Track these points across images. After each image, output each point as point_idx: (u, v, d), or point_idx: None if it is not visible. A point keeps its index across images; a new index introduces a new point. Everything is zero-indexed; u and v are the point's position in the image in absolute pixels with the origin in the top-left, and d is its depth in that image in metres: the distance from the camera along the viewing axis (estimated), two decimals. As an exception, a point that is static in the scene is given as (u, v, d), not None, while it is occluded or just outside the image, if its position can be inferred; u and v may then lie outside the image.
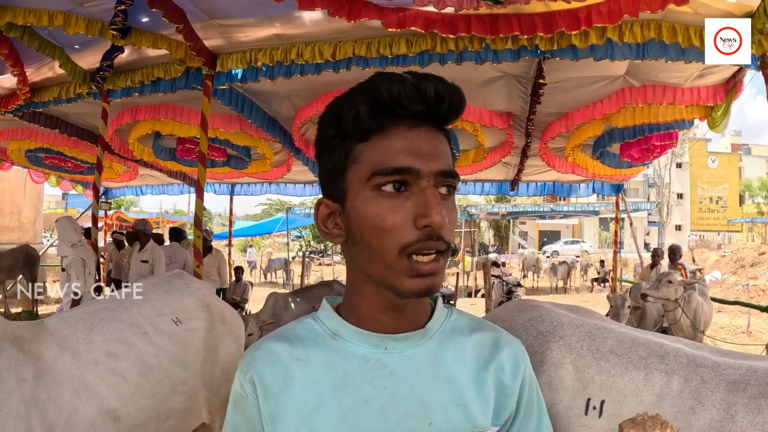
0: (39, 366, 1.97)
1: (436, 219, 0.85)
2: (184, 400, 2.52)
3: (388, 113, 0.88)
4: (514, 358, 1.02)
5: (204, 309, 2.78)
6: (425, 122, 0.91)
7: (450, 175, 0.91)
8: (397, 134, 0.89)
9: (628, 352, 1.87)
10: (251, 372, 0.96)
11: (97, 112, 6.79)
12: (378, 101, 0.88)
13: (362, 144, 0.91)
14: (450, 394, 0.93)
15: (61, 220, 5.97)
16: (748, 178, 53.50)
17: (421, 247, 0.86)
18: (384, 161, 0.88)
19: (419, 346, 0.96)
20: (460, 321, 1.04)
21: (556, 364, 1.86)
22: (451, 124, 0.96)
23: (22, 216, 18.76)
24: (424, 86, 0.87)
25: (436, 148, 0.90)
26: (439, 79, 0.89)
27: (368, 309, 0.96)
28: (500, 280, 11.18)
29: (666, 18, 4.67)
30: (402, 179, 0.88)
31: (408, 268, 0.87)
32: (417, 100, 0.87)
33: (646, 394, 1.76)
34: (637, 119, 6.68)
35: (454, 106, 0.91)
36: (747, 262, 22.79)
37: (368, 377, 0.92)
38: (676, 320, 6.02)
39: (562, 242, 43.55)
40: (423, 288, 0.87)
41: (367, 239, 0.90)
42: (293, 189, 13.43)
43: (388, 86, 0.87)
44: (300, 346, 0.96)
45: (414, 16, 4.62)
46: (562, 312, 2.09)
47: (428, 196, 0.86)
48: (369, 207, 0.89)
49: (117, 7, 4.59)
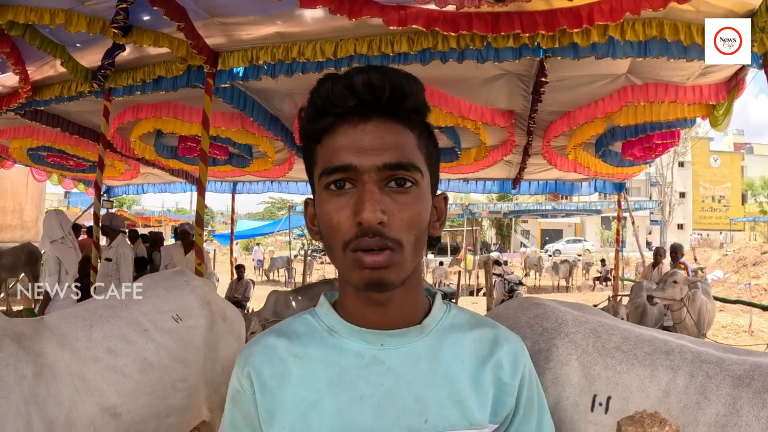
0: (39, 363, 1.97)
1: (364, 215, 0.84)
2: (185, 397, 2.52)
3: (324, 114, 0.90)
4: (513, 355, 1.00)
5: (205, 306, 2.77)
6: (373, 116, 0.89)
7: (401, 167, 0.88)
8: (340, 132, 0.89)
9: (634, 349, 1.87)
10: (249, 367, 0.96)
11: (99, 111, 6.79)
12: (315, 105, 0.90)
13: (317, 146, 0.93)
14: (447, 390, 0.93)
15: (47, 214, 5.91)
16: (751, 177, 53.40)
17: (358, 245, 0.86)
18: (328, 160, 0.89)
19: (416, 342, 0.95)
20: (458, 317, 1.03)
21: (562, 361, 1.86)
22: (412, 112, 0.93)
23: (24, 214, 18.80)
24: (354, 81, 0.87)
25: (384, 141, 0.88)
26: (378, 69, 0.88)
27: (353, 305, 0.96)
28: (502, 278, 11.20)
29: (668, 16, 4.66)
30: (344, 177, 0.88)
31: (352, 261, 0.87)
32: (346, 96, 0.87)
33: (653, 390, 1.76)
34: (639, 118, 6.67)
35: (397, 94, 0.89)
36: (749, 261, 22.75)
37: (364, 373, 0.92)
38: (681, 319, 6.01)
39: (564, 241, 43.53)
40: (370, 280, 0.87)
41: (325, 236, 0.92)
42: (295, 187, 13.41)
43: (320, 89, 0.89)
44: (297, 342, 0.97)
45: (415, 14, 4.61)
46: (566, 309, 2.09)
47: (363, 192, 0.86)
48: (322, 206, 0.91)
49: (118, 6, 4.58)
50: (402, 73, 0.90)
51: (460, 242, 29.70)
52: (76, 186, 14.49)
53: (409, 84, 0.90)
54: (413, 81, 0.91)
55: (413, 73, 0.91)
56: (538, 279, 24.32)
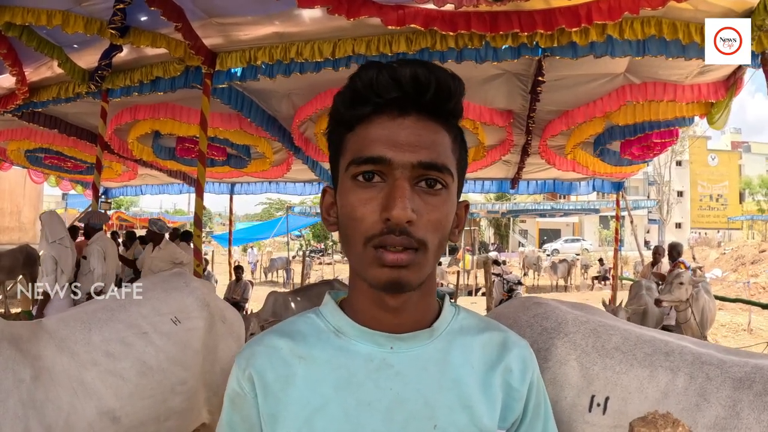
0: (37, 366, 1.96)
1: (395, 212, 0.80)
2: (184, 400, 2.50)
3: (364, 102, 0.86)
4: (522, 360, 0.99)
5: (203, 308, 2.76)
6: (413, 111, 0.87)
7: (434, 167, 0.86)
8: (377, 123, 0.87)
9: (633, 349, 1.86)
10: (250, 369, 0.92)
11: (97, 112, 6.78)
12: (354, 91, 0.87)
13: (349, 133, 0.90)
14: (456, 395, 0.90)
15: (44, 215, 5.88)
16: (748, 176, 53.50)
17: (382, 241, 0.83)
18: (360, 150, 0.86)
19: (426, 346, 0.93)
20: (468, 320, 1.01)
21: (561, 361, 1.86)
22: (451, 114, 0.91)
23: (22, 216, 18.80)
24: (400, 72, 0.84)
25: (420, 138, 0.86)
26: (425, 65, 0.85)
27: (366, 306, 0.93)
28: (501, 278, 11.19)
29: (666, 15, 4.66)
30: (375, 169, 0.85)
31: (373, 257, 0.84)
32: (391, 87, 0.84)
33: (651, 391, 1.75)
34: (637, 116, 6.66)
35: (442, 93, 0.86)
36: (747, 259, 22.77)
37: (373, 377, 0.89)
38: (686, 319, 5.98)
39: (562, 240, 43.53)
40: (389, 279, 0.84)
41: (344, 228, 0.89)
42: (293, 188, 13.40)
43: (363, 74, 0.85)
44: (302, 343, 0.93)
45: (414, 13, 4.61)
46: (566, 309, 2.09)
47: (394, 188, 0.83)
48: (346, 197, 0.88)
49: (116, 6, 4.58)
50: (449, 72, 0.87)
51: (458, 242, 29.74)
52: (74, 188, 14.50)
53: (455, 84, 0.88)
54: (459, 82, 0.89)
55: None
56: (536, 279, 24.30)
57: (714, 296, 7.68)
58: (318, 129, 7.42)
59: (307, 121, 7.33)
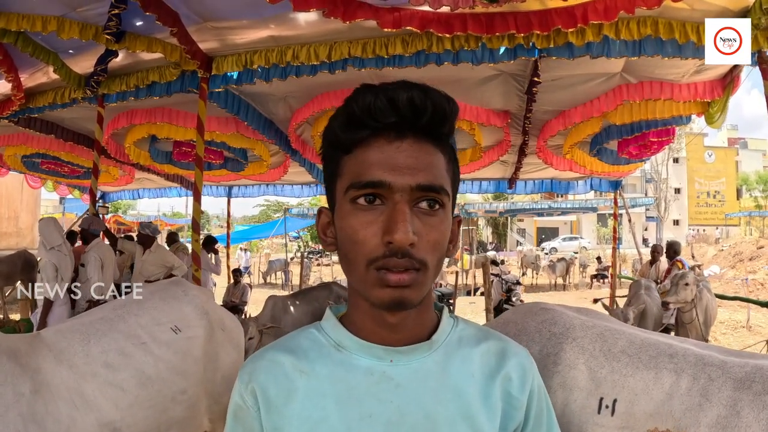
0: (36, 380, 1.95)
1: (397, 236, 0.82)
2: (185, 409, 2.49)
3: (361, 126, 0.87)
4: (521, 368, 0.99)
5: (203, 316, 2.75)
6: (410, 134, 0.88)
7: (432, 189, 0.87)
8: (374, 147, 0.87)
9: (639, 353, 1.94)
10: (253, 383, 0.94)
11: (93, 117, 6.76)
12: (352, 114, 0.87)
13: (346, 156, 0.90)
14: (457, 406, 0.92)
15: (42, 221, 5.87)
16: (745, 172, 53.58)
17: (385, 264, 0.84)
18: (359, 174, 0.87)
19: (425, 358, 0.94)
20: (466, 331, 1.02)
21: (570, 365, 1.94)
22: (446, 135, 0.93)
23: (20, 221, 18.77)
24: (398, 96, 0.84)
25: (418, 161, 0.87)
26: (421, 88, 0.86)
27: (365, 322, 0.95)
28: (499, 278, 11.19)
29: (662, 14, 4.66)
30: (375, 193, 0.86)
31: (375, 279, 0.85)
32: (388, 112, 0.85)
33: (656, 393, 1.83)
34: (634, 116, 6.65)
35: (437, 117, 0.88)
36: (745, 256, 22.82)
37: (373, 390, 0.90)
38: (691, 320, 5.97)
39: (560, 239, 43.62)
40: (392, 299, 0.85)
41: (345, 250, 0.90)
42: (291, 190, 13.40)
43: (361, 98, 0.86)
44: (304, 358, 0.95)
45: (409, 15, 4.60)
46: (573, 314, 2.17)
47: (395, 212, 0.84)
48: (346, 219, 0.89)
49: (111, 11, 4.56)
50: (443, 94, 0.89)
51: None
52: (71, 192, 14.46)
53: (449, 107, 0.89)
54: (453, 104, 0.90)
55: (407, 76, 0.90)
56: (535, 278, 24.30)
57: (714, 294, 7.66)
58: (315, 132, 7.41)
59: (304, 123, 7.32)
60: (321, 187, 13.01)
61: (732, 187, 53.73)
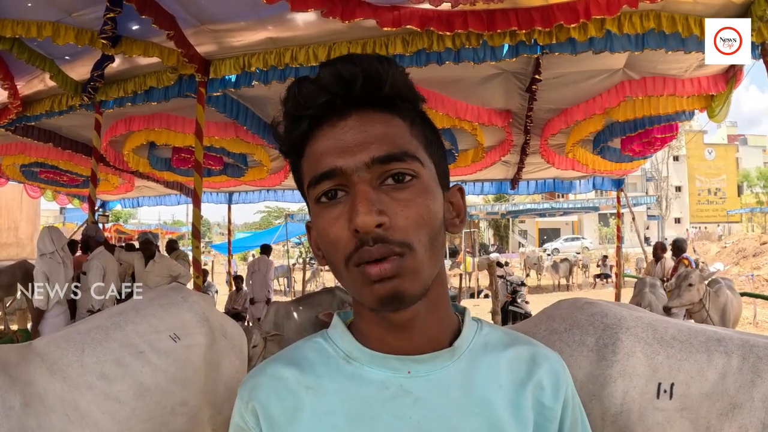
0: (28, 392, 1.86)
1: (358, 219, 0.72)
2: (186, 421, 2.40)
3: (299, 120, 0.80)
4: (554, 375, 0.88)
5: (204, 323, 2.65)
6: (351, 111, 0.79)
7: (393, 158, 0.76)
8: (319, 136, 0.79)
9: (690, 338, 2.09)
10: (254, 402, 0.84)
11: (91, 124, 6.71)
12: (286, 114, 0.81)
13: (302, 159, 0.83)
14: (484, 420, 0.81)
15: (42, 229, 5.82)
16: (746, 169, 53.51)
17: (360, 257, 0.74)
18: (313, 170, 0.79)
19: (447, 368, 0.83)
20: (491, 336, 0.91)
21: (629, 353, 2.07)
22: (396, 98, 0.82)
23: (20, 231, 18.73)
24: (320, 76, 0.77)
25: (368, 134, 0.77)
26: (348, 58, 0.78)
27: (372, 330, 0.84)
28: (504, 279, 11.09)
29: (665, 8, 4.62)
30: (334, 185, 0.77)
31: (359, 277, 0.75)
32: (314, 94, 0.77)
33: (711, 374, 1.98)
34: (637, 112, 6.60)
35: (371, 81, 0.78)
36: (749, 252, 22.70)
37: (389, 406, 0.80)
38: (702, 320, 5.71)
39: (562, 239, 43.46)
40: (383, 295, 0.74)
41: (327, 256, 0.81)
42: (291, 195, 13.34)
43: (288, 94, 0.80)
44: (310, 372, 0.84)
45: (409, 14, 4.54)
46: (618, 307, 2.30)
47: (354, 195, 0.75)
48: (317, 222, 0.80)
49: (106, 15, 4.50)
50: (374, 57, 0.79)
51: (458, 245, 29.63)
52: (71, 201, 14.43)
53: (383, 67, 0.79)
54: (388, 63, 0.80)
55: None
56: (538, 279, 24.22)
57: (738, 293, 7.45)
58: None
59: (304, 127, 7.25)
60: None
61: (733, 183, 53.64)
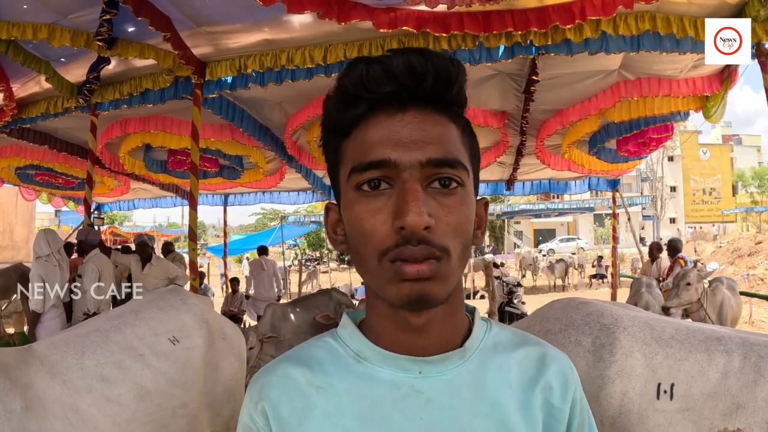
0: (28, 396, 1.85)
1: (409, 219, 0.71)
2: (186, 423, 2.39)
3: (357, 102, 0.77)
4: (563, 376, 0.89)
5: (202, 325, 2.65)
6: (413, 105, 0.77)
7: (446, 164, 0.76)
8: (375, 124, 0.77)
9: (688, 338, 2.05)
10: (263, 402, 0.84)
11: (86, 126, 6.70)
12: (344, 91, 0.78)
13: (345, 140, 0.81)
14: (494, 420, 0.81)
15: (38, 232, 5.79)
16: (741, 168, 53.70)
17: (399, 254, 0.73)
18: (360, 156, 0.77)
19: (458, 368, 0.83)
20: (501, 336, 0.91)
21: (626, 353, 2.02)
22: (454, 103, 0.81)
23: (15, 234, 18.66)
24: (393, 63, 0.75)
25: (426, 133, 0.76)
26: (420, 51, 0.76)
27: (386, 328, 0.84)
28: (500, 280, 11.11)
29: (660, 9, 4.64)
30: (380, 175, 0.76)
31: (391, 273, 0.74)
32: (384, 80, 0.75)
33: (712, 373, 1.94)
34: (632, 113, 6.62)
35: (442, 81, 0.77)
36: (744, 252, 22.75)
37: (400, 406, 0.80)
38: (701, 319, 5.75)
39: (557, 240, 43.50)
40: (412, 294, 0.74)
41: (354, 245, 0.80)
42: (287, 197, 13.33)
43: (352, 72, 0.76)
44: (320, 372, 0.84)
45: (405, 15, 4.55)
46: (614, 306, 2.27)
47: (405, 193, 0.74)
48: (352, 209, 0.78)
49: (102, 17, 4.49)
50: (446, 57, 0.78)
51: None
52: (66, 204, 14.37)
53: (455, 69, 0.78)
54: (459, 67, 0.79)
55: None
56: (534, 279, 24.25)
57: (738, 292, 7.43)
58: (311, 137, 7.35)
59: (300, 129, 7.25)
60: (317, 194, 12.95)
61: (727, 183, 53.81)
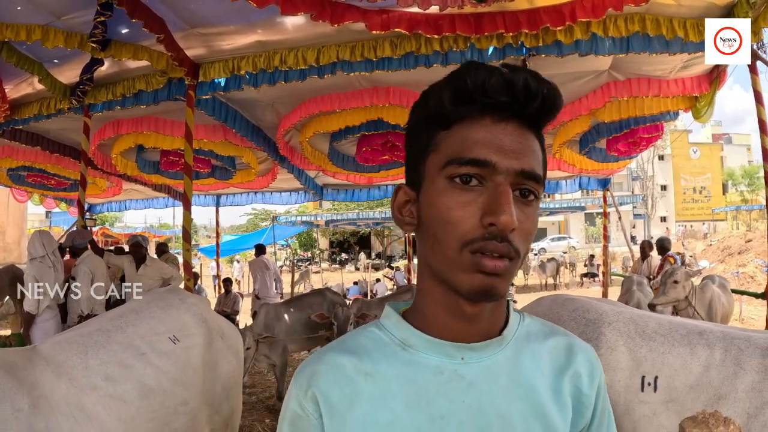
0: (35, 394, 1.89)
1: (503, 218, 0.78)
2: (187, 421, 2.43)
3: (471, 102, 0.83)
4: (590, 364, 0.96)
5: (202, 325, 2.69)
6: (515, 118, 0.84)
7: (533, 177, 0.84)
8: (479, 125, 0.84)
9: (671, 332, 2.13)
10: (313, 388, 0.88)
11: (79, 128, 6.70)
12: (461, 89, 0.83)
13: (444, 132, 0.87)
14: (529, 404, 0.88)
15: (33, 233, 5.78)
16: (731, 167, 54.08)
17: (483, 247, 0.80)
18: (461, 151, 0.83)
19: (496, 355, 0.90)
20: (532, 326, 0.98)
21: (611, 347, 2.10)
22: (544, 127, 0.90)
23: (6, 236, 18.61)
24: (514, 77, 0.81)
25: (522, 146, 0.84)
26: (535, 75, 0.83)
27: (438, 314, 0.90)
28: (492, 279, 11.18)
29: (649, 11, 4.69)
30: (477, 172, 0.82)
31: (469, 263, 0.81)
32: (503, 90, 0.81)
33: (694, 366, 2.02)
34: (623, 113, 6.69)
35: (547, 104, 0.84)
36: (734, 250, 22.90)
37: (443, 390, 0.86)
38: (689, 317, 5.79)
39: (548, 239, 43.67)
40: (483, 286, 0.81)
41: (433, 230, 0.85)
42: (279, 197, 13.34)
43: (474, 74, 0.82)
44: (367, 359, 0.90)
45: (398, 17, 4.59)
46: (599, 302, 2.33)
47: (499, 194, 0.80)
48: (440, 197, 0.84)
49: (96, 19, 4.51)
50: (554, 85, 0.85)
51: None
52: (58, 205, 14.33)
53: (559, 99, 0.86)
54: (560, 96, 0.87)
55: (398, 78, 0.85)
56: (525, 278, 24.34)
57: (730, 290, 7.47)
58: (303, 137, 7.37)
59: (292, 129, 7.28)
60: (309, 194, 12.95)
61: (718, 182, 54.19)
